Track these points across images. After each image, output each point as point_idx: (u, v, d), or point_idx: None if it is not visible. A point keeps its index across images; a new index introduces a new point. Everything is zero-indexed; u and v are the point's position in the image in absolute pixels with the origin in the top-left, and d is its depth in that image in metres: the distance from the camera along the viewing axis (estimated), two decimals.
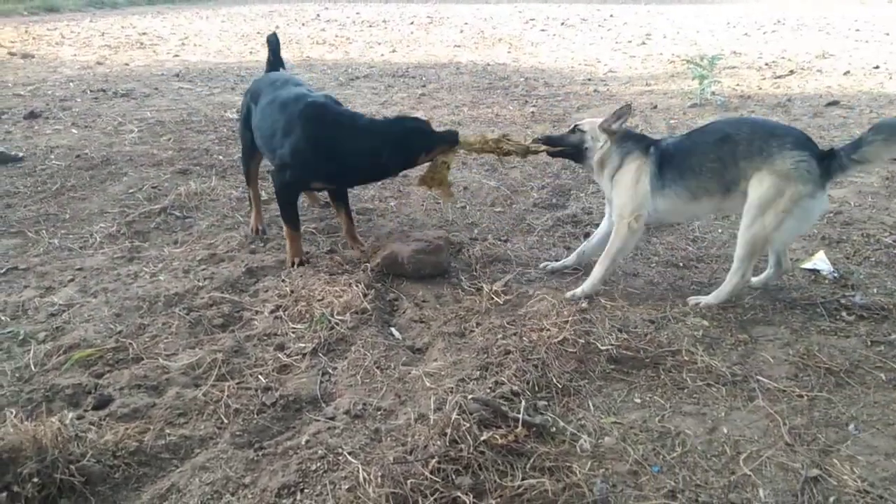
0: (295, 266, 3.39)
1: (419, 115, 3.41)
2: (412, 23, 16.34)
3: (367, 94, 7.84)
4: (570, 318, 2.80)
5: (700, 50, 10.18)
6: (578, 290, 3.12)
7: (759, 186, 2.83)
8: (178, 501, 1.93)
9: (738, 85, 8.16)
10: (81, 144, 5.53)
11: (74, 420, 2.18)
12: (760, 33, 13.21)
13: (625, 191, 3.08)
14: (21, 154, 5.13)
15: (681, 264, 3.52)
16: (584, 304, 3.00)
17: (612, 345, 2.68)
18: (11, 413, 2.12)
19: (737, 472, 2.08)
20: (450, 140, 3.31)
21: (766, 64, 9.58)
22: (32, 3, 16.62)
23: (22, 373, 2.51)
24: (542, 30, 14.84)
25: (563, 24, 15.86)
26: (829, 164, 2.79)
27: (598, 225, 3.92)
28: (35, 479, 1.88)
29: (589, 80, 8.76)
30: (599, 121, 3.23)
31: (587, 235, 3.81)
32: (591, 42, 12.54)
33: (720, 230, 3.93)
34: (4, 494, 1.84)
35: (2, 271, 3.34)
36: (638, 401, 2.44)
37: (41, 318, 2.90)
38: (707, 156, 2.95)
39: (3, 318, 2.91)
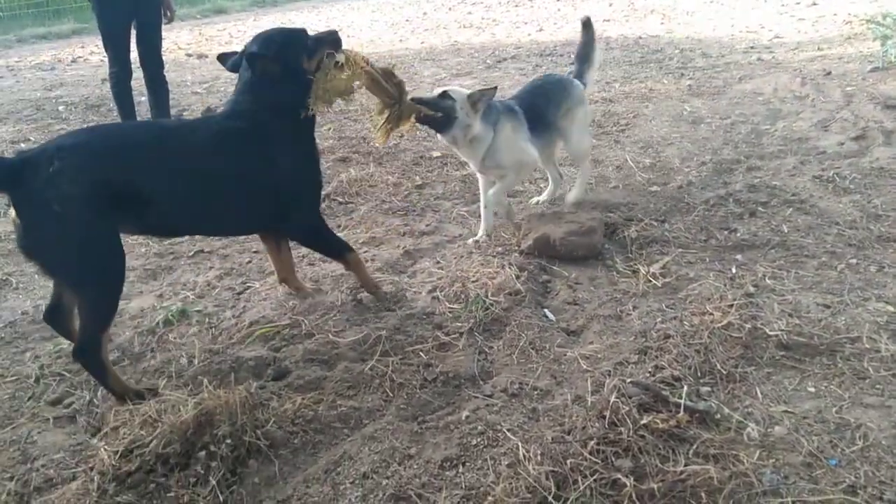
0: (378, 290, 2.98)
1: None
2: (559, 0, 16.02)
3: (514, 75, 7.81)
4: (734, 302, 2.68)
5: (882, 7, 9.18)
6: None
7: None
8: (351, 468, 2.07)
9: None
10: None
11: (258, 389, 2.39)
12: None
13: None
14: None
15: (859, 244, 3.24)
16: (751, 289, 2.85)
17: (781, 330, 2.54)
18: (206, 381, 2.36)
19: None
20: (329, 38, 2.77)
21: None
22: (204, 7, 18.02)
23: (211, 346, 2.79)
24: None
25: None
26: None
27: (764, 202, 3.72)
28: (228, 441, 2.09)
29: (752, 47, 8.18)
30: (466, 91, 3.28)
31: (752, 214, 3.61)
32: (754, 6, 11.67)
33: None
34: (203, 453, 2.07)
35: (190, 254, 3.71)
36: (812, 390, 2.30)
37: (226, 297, 3.20)
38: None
39: (191, 296, 3.24)
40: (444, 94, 3.25)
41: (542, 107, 3.66)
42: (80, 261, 2.34)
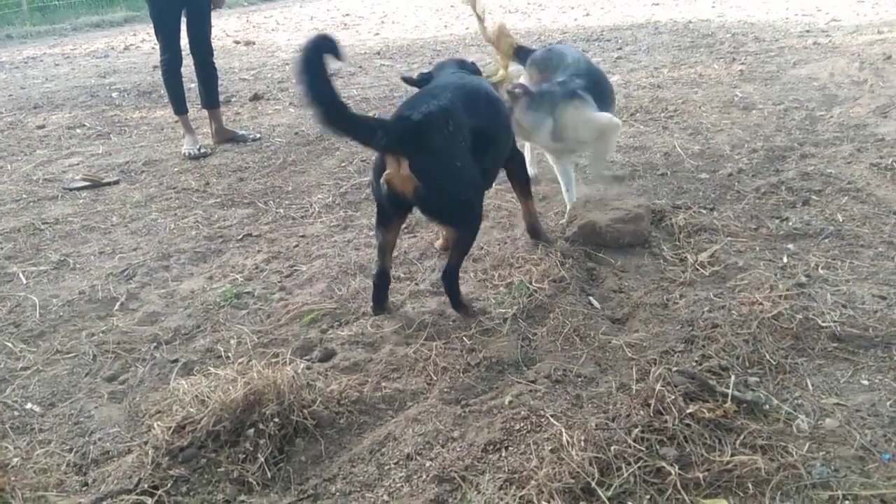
0: None
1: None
2: None
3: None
4: (785, 292, 2.62)
5: None
6: None
7: None
8: (395, 448, 2.10)
9: None
10: (298, 122, 6.04)
11: (305, 370, 2.44)
12: None
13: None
14: (258, 135, 5.69)
15: None
16: (803, 279, 2.79)
17: (834, 321, 2.47)
18: (255, 361, 2.42)
19: None
20: None
21: None
22: None
23: (260, 327, 2.85)
24: None
25: None
26: None
27: (818, 190, 3.64)
28: (276, 419, 2.14)
29: (807, 31, 7.94)
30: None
31: (805, 202, 3.52)
32: None
33: None
34: (252, 430, 2.12)
35: (239, 237, 3.78)
36: (865, 382, 2.24)
37: (274, 280, 3.26)
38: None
39: (240, 278, 3.31)
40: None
41: None
42: (473, 205, 2.63)
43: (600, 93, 3.54)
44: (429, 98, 2.54)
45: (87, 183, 4.76)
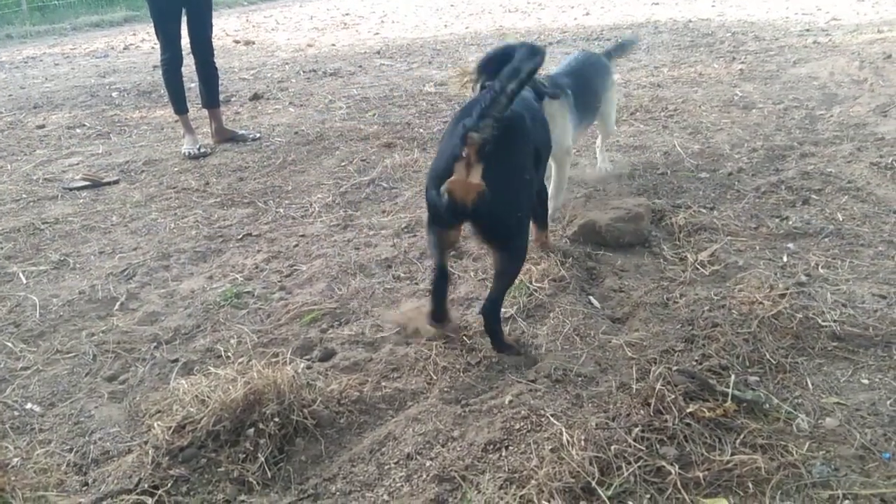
0: None
1: None
2: None
3: (559, 59, 7.73)
4: (785, 291, 2.62)
5: None
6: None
7: None
8: (395, 448, 2.10)
9: None
10: (298, 122, 6.04)
11: (305, 370, 2.44)
12: None
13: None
14: (258, 135, 5.68)
15: None
16: (803, 278, 2.79)
17: (834, 321, 2.47)
18: (255, 361, 2.42)
19: None
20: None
21: None
22: None
23: (260, 326, 2.85)
24: None
25: None
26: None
27: (818, 189, 3.64)
28: (276, 419, 2.14)
29: (807, 30, 7.94)
30: None
31: (805, 202, 3.52)
32: None
33: None
34: (252, 430, 2.12)
35: (239, 237, 3.78)
36: (865, 382, 2.24)
37: (274, 280, 3.26)
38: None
39: (240, 278, 3.30)
40: None
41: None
42: (524, 225, 2.48)
43: (584, 97, 3.50)
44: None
45: (87, 183, 4.75)
